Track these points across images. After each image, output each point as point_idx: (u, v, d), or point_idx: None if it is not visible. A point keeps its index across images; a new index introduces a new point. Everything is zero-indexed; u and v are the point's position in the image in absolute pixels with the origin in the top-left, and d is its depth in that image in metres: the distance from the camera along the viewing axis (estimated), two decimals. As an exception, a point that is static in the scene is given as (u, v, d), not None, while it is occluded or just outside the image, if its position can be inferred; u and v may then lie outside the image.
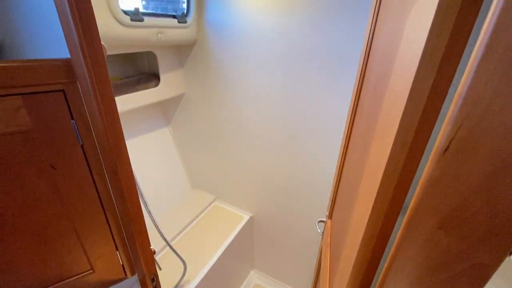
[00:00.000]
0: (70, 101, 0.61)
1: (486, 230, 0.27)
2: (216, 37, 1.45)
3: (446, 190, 0.28)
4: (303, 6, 1.14)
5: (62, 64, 0.57)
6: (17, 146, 0.58)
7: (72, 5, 0.50)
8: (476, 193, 0.26)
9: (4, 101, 0.54)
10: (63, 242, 0.72)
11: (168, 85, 1.61)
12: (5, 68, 0.52)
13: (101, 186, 0.71)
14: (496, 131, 0.24)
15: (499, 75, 0.22)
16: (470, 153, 0.25)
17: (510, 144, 0.23)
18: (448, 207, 0.28)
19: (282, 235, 1.85)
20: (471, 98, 0.24)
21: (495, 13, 0.21)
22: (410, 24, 0.35)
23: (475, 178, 0.26)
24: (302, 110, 1.36)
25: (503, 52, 0.21)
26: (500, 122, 0.23)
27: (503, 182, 0.25)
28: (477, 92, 0.23)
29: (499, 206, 0.26)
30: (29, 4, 0.63)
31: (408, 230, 0.32)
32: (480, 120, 0.24)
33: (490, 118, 0.23)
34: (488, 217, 0.27)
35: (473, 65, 0.23)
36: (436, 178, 0.28)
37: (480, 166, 0.25)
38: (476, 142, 0.25)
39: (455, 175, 0.27)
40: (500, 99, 0.22)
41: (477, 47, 0.22)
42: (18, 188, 0.61)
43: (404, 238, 0.33)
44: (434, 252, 0.31)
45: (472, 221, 0.28)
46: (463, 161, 0.26)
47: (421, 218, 0.30)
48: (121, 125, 0.65)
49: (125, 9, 1.05)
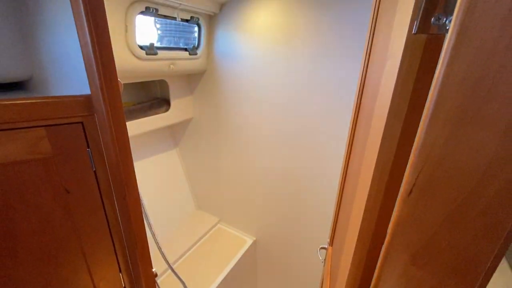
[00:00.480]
0: (87, 131, 0.67)
1: (452, 267, 0.30)
2: (224, 67, 1.55)
3: (414, 229, 0.31)
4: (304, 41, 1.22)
5: (83, 99, 0.65)
6: (37, 171, 0.64)
7: (95, 51, 0.58)
8: (439, 233, 0.29)
9: (30, 132, 0.61)
10: (70, 263, 0.75)
11: (178, 110, 1.70)
12: (33, 104, 0.59)
13: (109, 209, 0.75)
14: (449, 178, 0.27)
15: (444, 138, 0.26)
16: (430, 197, 0.29)
17: (463, 190, 0.27)
18: (418, 245, 0.31)
19: (286, 261, 1.82)
20: (426, 150, 0.27)
21: (438, 83, 0.25)
22: (384, 77, 0.40)
23: (437, 219, 0.29)
24: (305, 138, 1.41)
25: (446, 115, 0.25)
26: (452, 171, 0.27)
27: (460, 224, 0.28)
28: (430, 144, 0.27)
29: (460, 246, 0.29)
30: (57, 46, 0.72)
31: (384, 265, 0.34)
32: (435, 168, 0.28)
33: (443, 168, 0.27)
34: (452, 255, 0.30)
35: (424, 125, 0.27)
36: (404, 218, 0.31)
37: (439, 209, 0.29)
38: (434, 187, 0.28)
39: (419, 216, 0.30)
40: (450, 152, 0.26)
41: (424, 116, 0.26)
42: (34, 209, 0.66)
43: (382, 272, 0.35)
44: (409, 286, 0.33)
45: (439, 258, 0.30)
46: (425, 203, 0.29)
47: (395, 254, 0.33)
48: (131, 154, 0.70)
49: (141, 44, 1.15)
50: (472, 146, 0.25)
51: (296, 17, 1.22)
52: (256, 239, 1.91)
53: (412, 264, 0.32)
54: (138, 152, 1.73)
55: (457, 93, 0.24)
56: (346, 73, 1.17)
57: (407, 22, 0.31)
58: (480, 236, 0.28)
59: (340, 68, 1.18)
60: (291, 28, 1.25)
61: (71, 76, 0.72)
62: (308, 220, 1.59)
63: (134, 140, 1.61)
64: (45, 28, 0.72)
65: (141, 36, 1.18)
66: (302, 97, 1.33)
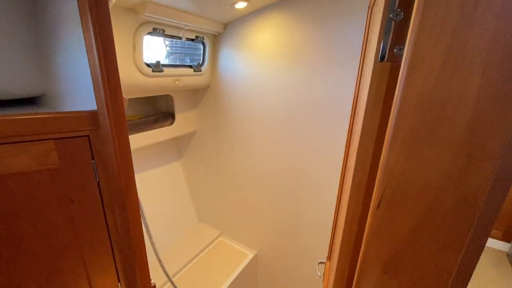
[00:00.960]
0: (92, 144, 0.72)
1: (421, 277, 0.32)
2: (227, 83, 1.61)
3: (383, 241, 0.33)
4: (302, 57, 1.28)
5: (90, 114, 0.70)
6: (44, 181, 0.68)
7: (103, 71, 0.64)
8: (406, 244, 0.32)
9: (40, 144, 0.65)
10: (71, 270, 0.78)
11: (182, 123, 1.76)
12: (44, 119, 0.64)
13: (110, 219, 0.79)
14: (410, 193, 0.30)
15: (403, 156, 0.29)
16: (396, 210, 0.31)
17: (423, 203, 0.29)
18: (388, 255, 0.33)
19: (287, 276, 1.80)
20: (390, 167, 0.30)
21: (396, 107, 0.28)
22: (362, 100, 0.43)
23: (403, 231, 0.31)
24: (306, 155, 1.43)
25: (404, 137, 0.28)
26: (412, 186, 0.29)
27: (423, 235, 0.30)
28: (393, 162, 0.30)
29: (425, 257, 0.31)
30: (68, 66, 0.78)
31: (361, 275, 0.36)
32: (398, 184, 0.30)
33: (405, 183, 0.30)
34: (419, 265, 0.32)
35: (387, 145, 0.30)
36: (374, 230, 0.33)
37: (405, 221, 0.31)
38: (399, 202, 0.31)
39: (388, 228, 0.32)
40: (410, 169, 0.29)
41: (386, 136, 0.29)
42: (40, 217, 0.70)
43: (359, 281, 0.37)
44: (383, 297, 0.35)
45: (408, 269, 0.32)
46: (392, 216, 0.31)
47: (369, 264, 0.35)
48: (132, 166, 0.74)
49: (148, 62, 1.22)
50: (427, 164, 0.28)
51: (294, 36, 1.28)
52: (257, 253, 1.90)
53: (384, 273, 0.34)
54: (143, 164, 1.78)
55: (412, 116, 0.27)
56: (344, 85, 1.20)
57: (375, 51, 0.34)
58: (442, 247, 0.30)
59: (338, 81, 1.22)
60: (289, 45, 1.31)
61: (80, 92, 0.78)
62: (309, 235, 1.59)
63: (139, 152, 1.67)
64: (59, 49, 0.79)
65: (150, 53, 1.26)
66: (302, 113, 1.37)
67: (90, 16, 0.61)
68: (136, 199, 0.76)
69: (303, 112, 1.36)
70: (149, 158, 1.82)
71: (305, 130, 1.38)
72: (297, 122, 1.40)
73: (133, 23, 1.08)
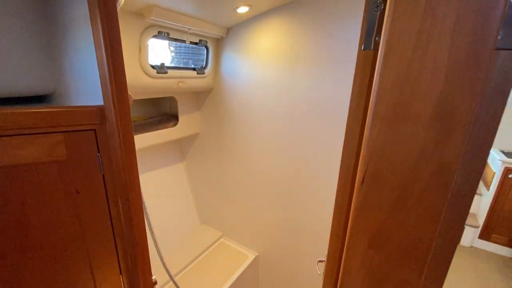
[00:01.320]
0: (98, 138, 0.75)
1: (403, 250, 0.34)
2: (230, 85, 1.65)
3: (368, 215, 0.35)
4: (303, 60, 1.31)
5: (97, 109, 0.73)
6: (52, 172, 0.72)
7: (110, 69, 0.67)
8: (389, 218, 0.34)
9: (50, 137, 0.69)
10: (75, 262, 0.81)
11: (186, 125, 1.80)
12: (54, 112, 0.68)
13: (114, 211, 0.81)
14: (391, 168, 0.32)
15: (383, 133, 0.31)
16: (378, 185, 0.33)
17: (403, 177, 0.32)
18: (372, 229, 0.35)
19: (288, 277, 1.80)
20: (371, 143, 0.33)
21: (375, 88, 0.31)
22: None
23: (385, 205, 0.33)
24: (307, 156, 1.45)
25: (383, 115, 0.31)
26: (392, 161, 0.32)
27: (404, 208, 0.32)
28: (374, 139, 0.32)
29: (406, 229, 0.33)
30: (77, 65, 0.83)
31: (349, 250, 0.38)
32: (379, 160, 0.32)
33: (385, 159, 0.32)
34: (401, 238, 0.34)
35: (369, 123, 0.32)
36: (360, 205, 0.35)
37: (387, 195, 0.33)
38: (381, 177, 0.33)
39: (372, 203, 0.34)
40: (389, 145, 0.31)
41: (368, 115, 0.32)
42: (47, 207, 0.73)
43: (347, 256, 0.39)
44: (370, 270, 0.37)
45: (392, 241, 0.34)
46: (375, 191, 0.34)
47: (356, 239, 0.37)
48: (136, 159, 0.77)
49: (152, 64, 1.27)
50: (405, 138, 0.30)
51: (295, 39, 1.32)
52: (258, 254, 1.91)
53: (370, 247, 0.36)
54: (147, 165, 1.81)
55: (389, 94, 0.30)
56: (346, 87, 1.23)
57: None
58: (421, 219, 0.32)
59: (340, 83, 1.24)
60: (290, 49, 1.35)
61: (87, 90, 0.82)
62: (310, 237, 1.59)
63: (143, 152, 1.70)
64: (69, 49, 0.84)
65: (155, 57, 1.31)
66: (304, 115, 1.39)
67: (99, 17, 0.65)
68: (139, 191, 0.79)
69: (304, 114, 1.39)
70: (153, 159, 1.86)
71: (307, 132, 1.41)
72: (298, 124, 1.42)
73: (139, 26, 1.13)
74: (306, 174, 1.48)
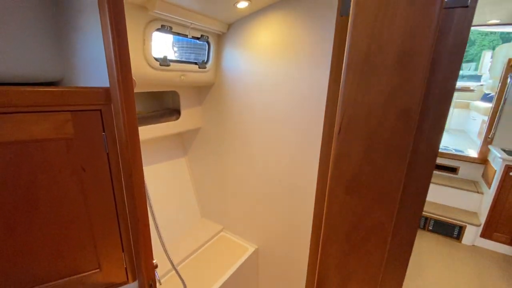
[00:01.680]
0: (104, 118, 0.80)
1: (376, 192, 0.37)
2: (231, 80, 1.70)
3: (344, 162, 0.39)
4: (303, 55, 1.36)
5: (103, 91, 0.78)
6: (60, 149, 0.76)
7: (116, 50, 0.72)
8: (363, 163, 0.37)
9: (59, 115, 0.74)
10: (80, 238, 0.85)
11: (187, 119, 1.85)
12: (63, 92, 0.73)
13: (117, 189, 0.86)
14: (362, 116, 0.36)
15: (355, 84, 0.35)
16: (353, 134, 0.37)
17: (372, 123, 0.35)
18: (349, 176, 0.39)
19: (288, 270, 1.82)
20: (346, 94, 0.37)
21: (348, 45, 0.35)
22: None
23: (359, 151, 0.37)
24: (308, 149, 1.49)
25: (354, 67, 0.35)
26: (363, 109, 0.36)
27: (375, 153, 0.36)
28: (347, 90, 0.36)
29: (377, 174, 0.37)
30: (85, 51, 0.88)
31: (330, 197, 0.42)
32: (353, 109, 0.36)
33: (357, 107, 0.36)
34: (374, 182, 0.37)
35: (343, 76, 0.36)
36: (337, 153, 0.39)
37: (359, 144, 0.37)
38: (354, 125, 0.37)
39: (347, 151, 0.38)
40: (359, 94, 0.35)
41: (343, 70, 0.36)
42: (55, 184, 0.78)
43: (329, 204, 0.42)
44: (347, 215, 0.40)
45: (365, 186, 0.38)
46: (350, 140, 0.38)
47: (335, 186, 0.41)
48: (139, 138, 0.82)
49: (156, 56, 1.32)
50: (373, 87, 0.34)
51: (295, 34, 1.37)
52: (258, 247, 1.93)
53: (346, 193, 0.40)
54: (150, 157, 1.86)
55: (359, 49, 0.34)
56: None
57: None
58: (390, 161, 0.35)
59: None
60: (290, 44, 1.39)
61: (93, 75, 0.87)
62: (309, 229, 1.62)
63: (146, 145, 1.75)
64: (76, 36, 0.89)
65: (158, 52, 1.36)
66: (305, 109, 1.43)
67: (107, 3, 0.71)
68: (141, 170, 0.84)
69: (305, 109, 1.43)
70: (155, 154, 1.91)
71: (307, 125, 1.44)
72: (299, 119, 1.46)
73: (143, 19, 1.18)
74: (306, 168, 1.51)
